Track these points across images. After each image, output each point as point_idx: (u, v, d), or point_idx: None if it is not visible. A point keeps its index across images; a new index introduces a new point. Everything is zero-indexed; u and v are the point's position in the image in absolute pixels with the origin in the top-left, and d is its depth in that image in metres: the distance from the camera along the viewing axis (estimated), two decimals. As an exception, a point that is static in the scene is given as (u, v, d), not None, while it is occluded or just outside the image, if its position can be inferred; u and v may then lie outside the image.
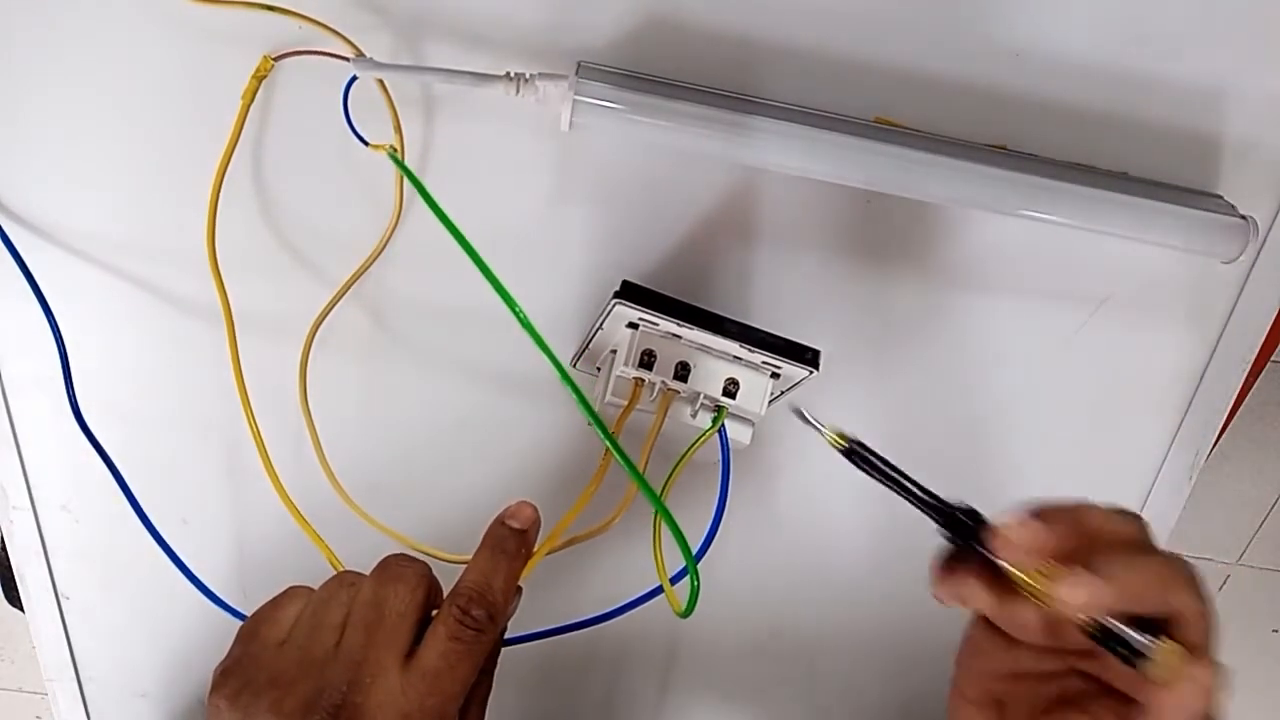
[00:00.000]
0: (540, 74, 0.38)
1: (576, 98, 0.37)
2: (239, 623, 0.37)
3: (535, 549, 0.38)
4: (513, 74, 0.38)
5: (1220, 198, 0.43)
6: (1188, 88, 0.42)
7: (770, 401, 0.41)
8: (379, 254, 0.43)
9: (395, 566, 0.35)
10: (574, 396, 0.35)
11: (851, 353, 0.46)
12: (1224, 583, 1.56)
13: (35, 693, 1.52)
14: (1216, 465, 1.43)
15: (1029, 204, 0.40)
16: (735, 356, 0.40)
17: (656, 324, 0.39)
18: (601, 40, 0.40)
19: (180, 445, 0.47)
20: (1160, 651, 0.28)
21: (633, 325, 0.40)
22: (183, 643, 0.51)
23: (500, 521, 0.37)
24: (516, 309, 0.34)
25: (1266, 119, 0.42)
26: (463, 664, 0.34)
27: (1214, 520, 1.50)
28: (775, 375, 0.41)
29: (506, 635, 0.39)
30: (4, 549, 0.51)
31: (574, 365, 0.45)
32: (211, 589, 0.46)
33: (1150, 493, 0.50)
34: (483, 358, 0.46)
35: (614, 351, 0.42)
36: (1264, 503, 1.50)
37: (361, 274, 0.43)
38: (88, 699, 0.53)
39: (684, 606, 0.36)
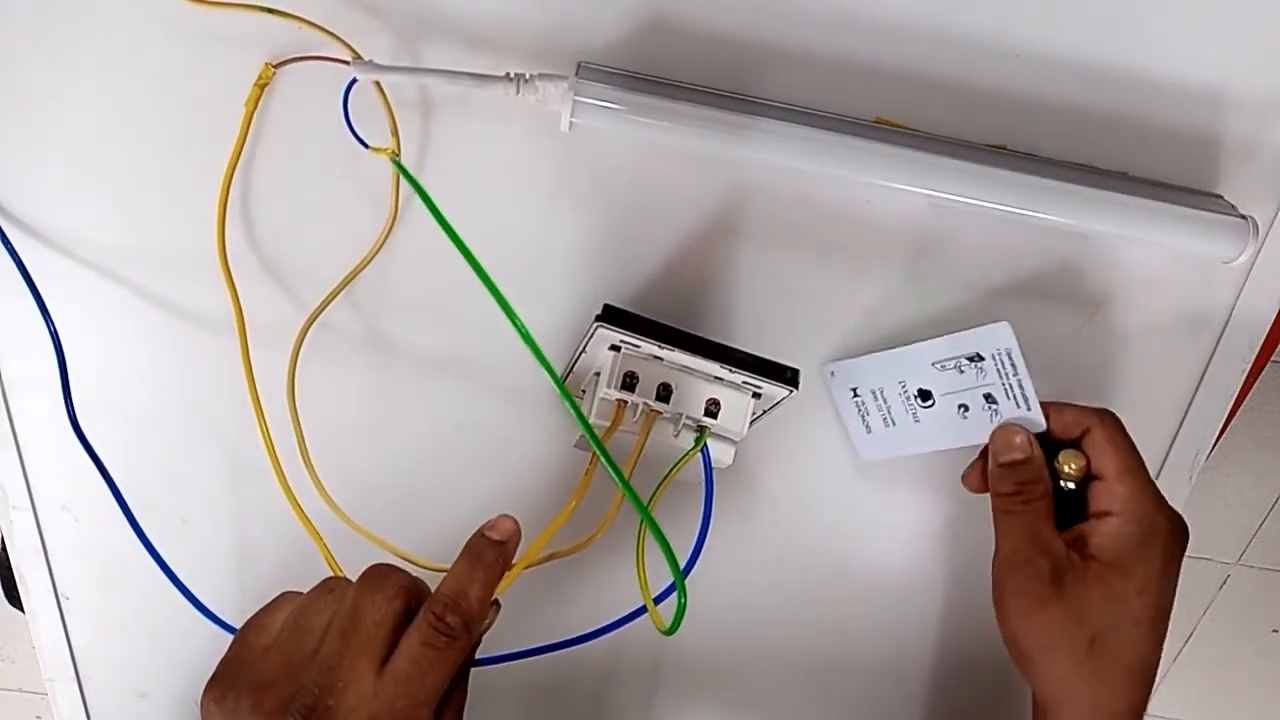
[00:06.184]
0: (540, 74, 0.38)
1: (576, 98, 0.37)
2: (238, 625, 0.38)
3: (515, 561, 0.38)
4: (512, 75, 0.38)
5: (1220, 198, 0.43)
6: (1188, 88, 0.42)
7: (752, 421, 0.41)
8: (371, 258, 0.43)
9: (377, 576, 0.36)
10: (567, 405, 0.36)
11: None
12: (1224, 583, 1.56)
13: (35, 693, 1.52)
14: (1216, 465, 1.43)
15: (1029, 204, 0.40)
16: (716, 377, 0.41)
17: (638, 346, 0.39)
18: (601, 40, 0.40)
19: (180, 445, 0.47)
20: None
21: (615, 348, 0.40)
22: (183, 643, 0.51)
23: (480, 533, 0.38)
24: (516, 321, 0.34)
25: (1266, 119, 0.42)
26: (434, 670, 0.34)
27: (1214, 520, 1.50)
28: (756, 395, 0.41)
29: (491, 655, 0.39)
30: (4, 549, 0.51)
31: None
32: (211, 588, 0.46)
33: (1150, 493, 0.50)
34: (477, 364, 0.46)
35: (598, 374, 0.42)
36: (1264, 503, 1.50)
37: (353, 278, 0.43)
38: (88, 699, 0.53)
39: (669, 624, 0.36)
